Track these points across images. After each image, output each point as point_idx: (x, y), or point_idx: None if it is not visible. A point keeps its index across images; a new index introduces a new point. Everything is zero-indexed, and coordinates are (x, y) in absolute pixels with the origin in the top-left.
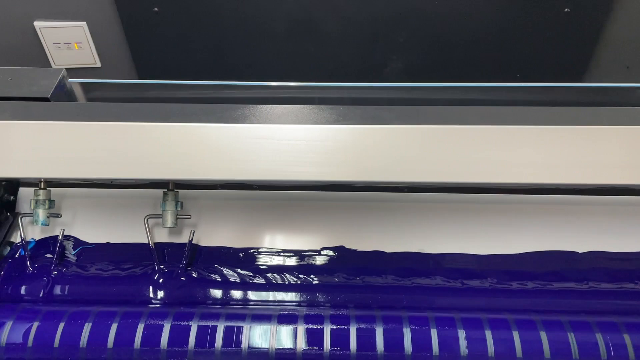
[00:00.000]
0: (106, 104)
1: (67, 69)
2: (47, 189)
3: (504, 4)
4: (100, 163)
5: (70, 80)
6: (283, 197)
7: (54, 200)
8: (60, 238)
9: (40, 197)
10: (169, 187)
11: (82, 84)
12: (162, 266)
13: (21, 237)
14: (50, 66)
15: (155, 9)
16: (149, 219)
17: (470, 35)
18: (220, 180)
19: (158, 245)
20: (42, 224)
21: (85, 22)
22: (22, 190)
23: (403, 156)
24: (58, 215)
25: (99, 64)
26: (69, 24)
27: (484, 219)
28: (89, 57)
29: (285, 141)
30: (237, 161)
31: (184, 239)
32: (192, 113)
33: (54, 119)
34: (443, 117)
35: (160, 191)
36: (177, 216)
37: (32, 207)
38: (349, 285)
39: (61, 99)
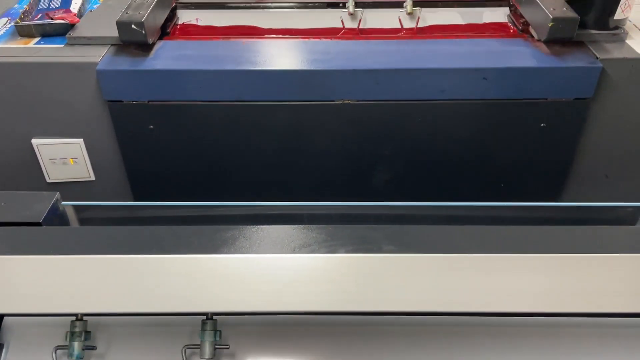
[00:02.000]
0: (95, 231)
1: (60, 182)
2: (84, 319)
3: (483, 120)
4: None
5: (63, 203)
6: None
7: (90, 332)
8: None
9: (77, 329)
10: (208, 315)
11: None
12: None
13: None
14: (45, 180)
15: (151, 126)
16: (186, 350)
17: (452, 149)
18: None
19: None
20: (77, 357)
21: (82, 139)
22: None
23: (393, 286)
24: (93, 348)
25: (93, 178)
26: (66, 141)
27: (475, 342)
28: (83, 171)
29: (274, 271)
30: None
31: None
32: (184, 235)
33: (45, 246)
34: (430, 238)
35: (197, 318)
36: (216, 346)
37: (68, 340)
38: None
39: (54, 222)
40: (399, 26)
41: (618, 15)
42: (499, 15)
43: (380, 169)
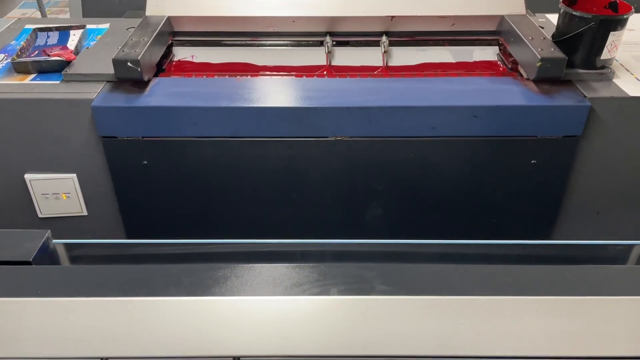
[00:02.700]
0: (85, 271)
1: (52, 217)
2: None
3: (475, 157)
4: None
5: (54, 241)
6: None
7: None
8: None
9: None
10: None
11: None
12: None
13: None
14: (37, 215)
15: (145, 162)
16: None
17: (444, 185)
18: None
19: None
20: None
21: (75, 174)
22: None
23: (388, 329)
24: None
25: (85, 213)
26: (59, 176)
27: None
28: (76, 206)
29: (264, 314)
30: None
31: None
32: (174, 274)
33: (34, 287)
34: (424, 277)
35: None
36: None
37: None
38: None
39: (44, 261)
40: (377, 64)
41: (605, 55)
42: (488, 53)
43: (373, 205)
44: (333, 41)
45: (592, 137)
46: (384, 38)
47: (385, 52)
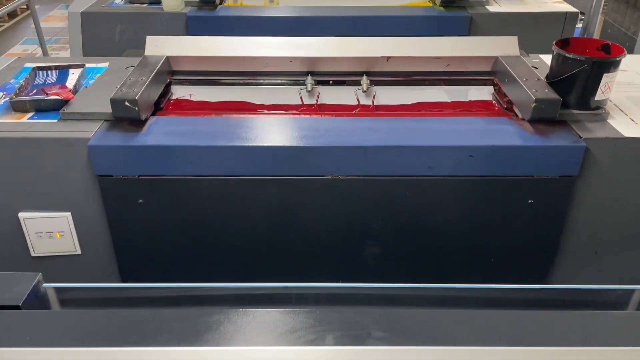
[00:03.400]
0: (75, 317)
1: (44, 256)
2: None
3: (472, 196)
4: None
5: (45, 285)
6: None
7: None
8: None
9: None
10: None
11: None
12: None
13: None
14: (29, 254)
15: (140, 200)
16: None
17: (441, 224)
18: None
19: None
20: None
21: (69, 213)
22: None
23: None
24: None
25: (79, 252)
26: (54, 215)
27: None
28: (69, 245)
29: None
30: None
31: None
32: (166, 320)
33: (22, 334)
34: (420, 324)
35: None
36: None
37: None
38: None
39: (34, 306)
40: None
41: (599, 96)
42: (483, 93)
43: (370, 244)
44: (330, 81)
45: (589, 177)
46: (364, 78)
47: (364, 91)
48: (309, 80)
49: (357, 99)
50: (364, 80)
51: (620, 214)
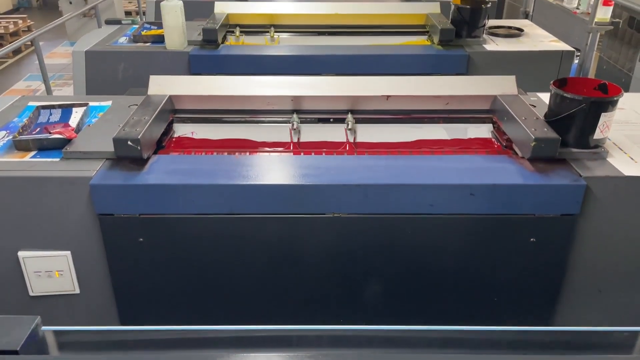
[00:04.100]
0: None
1: (42, 295)
2: None
3: (473, 235)
4: None
5: (43, 328)
6: None
7: None
8: None
9: None
10: None
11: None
12: None
13: None
14: (27, 293)
15: (141, 239)
16: None
17: (443, 263)
18: None
19: None
20: None
21: (69, 252)
22: None
23: None
24: None
25: (77, 291)
26: (53, 254)
27: None
28: (68, 284)
29: None
30: None
31: None
32: None
33: None
34: None
35: None
36: None
37: None
38: None
39: (32, 350)
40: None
41: (597, 135)
42: (482, 131)
43: (371, 283)
44: (331, 119)
45: (590, 215)
46: (349, 116)
47: (349, 129)
48: (294, 118)
49: (346, 137)
50: (349, 119)
51: (623, 253)
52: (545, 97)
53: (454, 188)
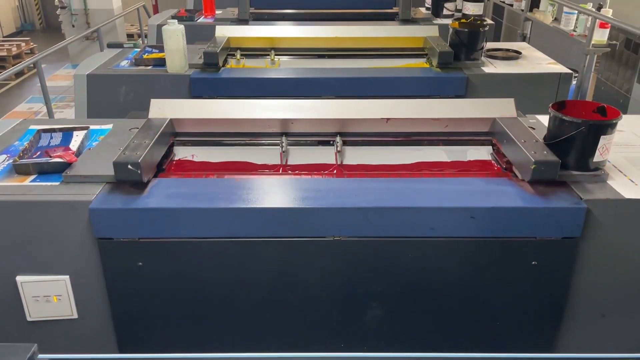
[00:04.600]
0: None
1: (40, 321)
2: None
3: (475, 258)
4: None
5: (40, 356)
6: None
7: None
8: None
9: None
10: None
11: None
12: None
13: None
14: (25, 318)
15: (140, 263)
16: None
17: (444, 286)
18: None
19: None
20: None
21: (68, 276)
22: None
23: None
24: None
25: (75, 316)
26: (52, 278)
27: None
28: (66, 309)
29: None
30: None
31: None
32: None
33: None
34: None
35: None
36: None
37: None
38: None
39: None
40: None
41: (597, 158)
42: (482, 153)
43: (372, 306)
44: (331, 141)
45: (592, 238)
46: (337, 138)
47: (338, 151)
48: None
49: (336, 159)
50: (337, 141)
51: (625, 276)
52: (544, 119)
53: (455, 211)
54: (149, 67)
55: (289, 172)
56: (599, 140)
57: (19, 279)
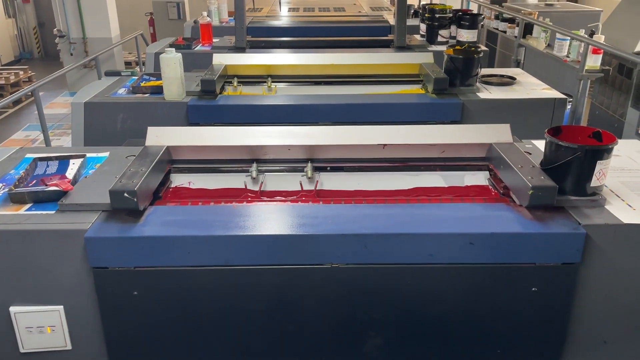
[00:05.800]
0: None
1: (33, 352)
2: None
3: (474, 284)
4: None
5: None
6: None
7: None
8: None
9: None
10: None
11: None
12: None
13: None
14: (18, 350)
15: (135, 292)
16: None
17: (444, 314)
18: None
19: None
20: None
21: (62, 306)
22: None
23: None
24: None
25: (69, 347)
26: (46, 309)
27: None
28: (60, 340)
29: None
30: None
31: None
32: None
33: None
34: None
35: None
36: None
37: None
38: None
39: None
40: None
41: (594, 183)
42: (479, 178)
43: (371, 334)
44: (328, 167)
45: (591, 264)
46: (308, 165)
47: (309, 177)
48: (309, 167)
49: (312, 184)
50: (308, 168)
51: (626, 301)
52: (539, 144)
53: (454, 237)
54: (147, 95)
55: (276, 198)
56: (595, 165)
57: (13, 309)
